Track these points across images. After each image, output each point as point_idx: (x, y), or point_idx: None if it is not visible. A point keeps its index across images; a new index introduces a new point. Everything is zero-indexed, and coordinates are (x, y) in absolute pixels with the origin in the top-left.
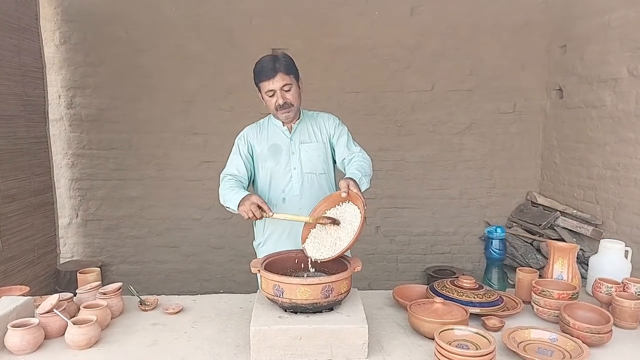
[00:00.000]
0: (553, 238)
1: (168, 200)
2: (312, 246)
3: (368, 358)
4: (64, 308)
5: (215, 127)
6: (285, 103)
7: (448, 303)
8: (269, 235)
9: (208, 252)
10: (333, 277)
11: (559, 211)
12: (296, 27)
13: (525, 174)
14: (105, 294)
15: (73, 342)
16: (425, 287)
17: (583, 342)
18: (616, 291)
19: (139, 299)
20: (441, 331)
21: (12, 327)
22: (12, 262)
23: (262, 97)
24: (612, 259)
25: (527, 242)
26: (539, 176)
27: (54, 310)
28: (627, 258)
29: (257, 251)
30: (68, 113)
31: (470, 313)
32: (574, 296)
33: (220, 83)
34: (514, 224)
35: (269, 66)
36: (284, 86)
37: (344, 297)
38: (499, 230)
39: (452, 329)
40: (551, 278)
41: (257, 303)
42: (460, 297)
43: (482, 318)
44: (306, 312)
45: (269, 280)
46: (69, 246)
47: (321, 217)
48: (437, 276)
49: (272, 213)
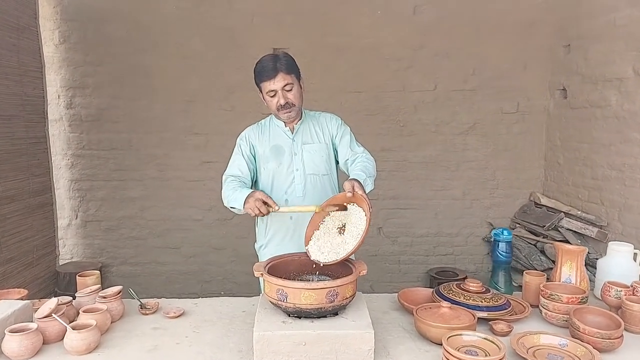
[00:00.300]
0: (557, 239)
1: (169, 200)
2: (316, 248)
3: None
4: (63, 312)
5: (216, 127)
6: (286, 103)
7: (455, 307)
8: (271, 237)
9: (209, 253)
10: (338, 281)
11: (563, 212)
12: (297, 26)
13: (528, 175)
14: (105, 298)
15: (72, 348)
16: (430, 291)
17: (594, 348)
18: (625, 295)
19: (140, 303)
20: (449, 337)
21: (10, 333)
22: (11, 264)
23: (263, 98)
24: (621, 262)
25: (531, 244)
26: (543, 177)
27: (53, 314)
28: (636, 261)
29: (259, 254)
30: (67, 113)
31: (477, 317)
32: (584, 300)
33: (221, 83)
34: (518, 225)
35: (270, 66)
36: (285, 86)
37: (349, 302)
38: (506, 232)
39: (461, 335)
40: (559, 281)
41: (260, 307)
42: (466, 301)
43: (490, 322)
44: (310, 317)
45: (273, 284)
46: (69, 247)
47: (328, 206)
48: (440, 278)
49: (278, 207)
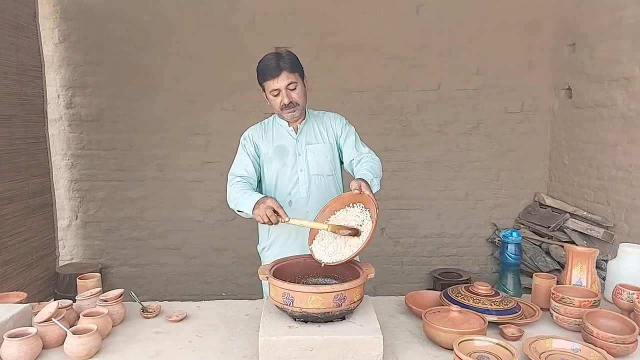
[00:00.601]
0: (563, 240)
1: (169, 201)
2: (320, 248)
3: None
4: (63, 316)
5: (217, 127)
6: (290, 102)
7: (465, 311)
8: (275, 239)
9: (210, 255)
10: (346, 285)
11: (569, 213)
12: (300, 26)
13: (532, 175)
14: (106, 301)
15: (72, 353)
16: (438, 294)
17: (608, 353)
18: (638, 298)
19: (141, 306)
20: (460, 342)
21: (9, 338)
22: (10, 265)
23: (267, 97)
24: (631, 264)
25: (536, 245)
26: (547, 177)
27: (53, 319)
28: None
29: (262, 256)
30: (67, 113)
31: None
32: (596, 304)
33: (222, 82)
34: (522, 226)
35: (273, 64)
36: (289, 85)
37: (357, 306)
38: (515, 234)
39: (472, 340)
40: (569, 284)
41: (265, 311)
42: (476, 305)
43: (500, 327)
44: (317, 322)
45: (278, 288)
46: (69, 248)
47: (341, 228)
48: (444, 279)
49: (289, 218)
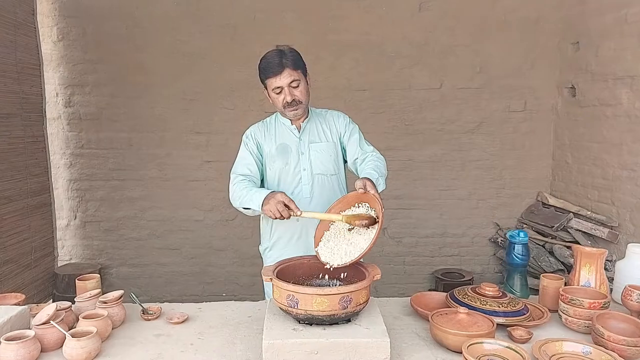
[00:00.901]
0: (567, 240)
1: (169, 201)
2: (326, 250)
3: None
4: (62, 319)
5: (218, 126)
6: (293, 100)
7: (472, 313)
8: (277, 239)
9: (210, 255)
10: (352, 287)
11: (572, 213)
12: (301, 23)
13: (535, 174)
14: (105, 303)
15: (72, 357)
16: (444, 295)
17: (620, 356)
18: None
19: (142, 308)
20: (469, 345)
21: (6, 341)
22: (9, 266)
23: (269, 95)
24: None
25: (539, 245)
26: (550, 176)
27: (51, 321)
28: None
29: (264, 256)
30: (66, 111)
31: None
32: (605, 305)
33: (223, 80)
34: (524, 226)
35: (276, 61)
36: (292, 82)
37: (363, 308)
38: (522, 234)
39: (481, 343)
40: (578, 285)
41: (269, 313)
42: (483, 307)
43: (508, 329)
44: (322, 324)
45: (283, 289)
46: (67, 248)
47: (357, 217)
48: (446, 279)
49: (301, 212)
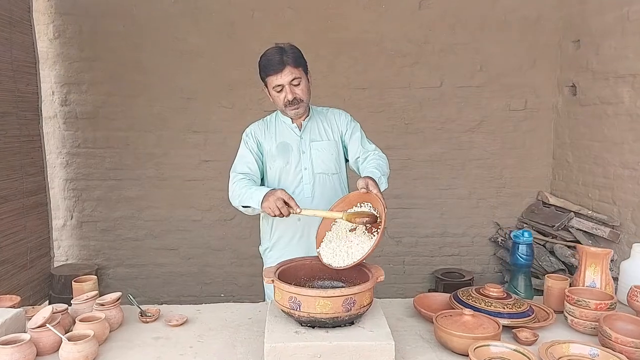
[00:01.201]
0: (568, 240)
1: (167, 201)
2: (328, 251)
3: None
4: (58, 322)
5: (216, 125)
6: (294, 99)
7: (478, 315)
8: (277, 239)
9: (208, 255)
10: (355, 289)
11: (573, 212)
12: (299, 21)
13: (536, 173)
14: (102, 305)
15: None
16: (447, 296)
17: (627, 358)
18: None
19: (140, 310)
20: (476, 347)
21: (1, 345)
22: (4, 266)
23: (269, 93)
24: None
25: (540, 244)
26: (550, 175)
27: (47, 324)
28: None
29: (264, 257)
30: (62, 110)
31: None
32: (612, 306)
33: (221, 79)
34: (525, 225)
35: (277, 59)
36: (293, 80)
37: (366, 310)
38: (527, 234)
39: (488, 345)
40: (583, 286)
41: (270, 315)
42: (487, 308)
43: (513, 331)
44: (325, 327)
45: (285, 291)
46: (64, 249)
47: (358, 215)
48: (446, 279)
49: (300, 209)
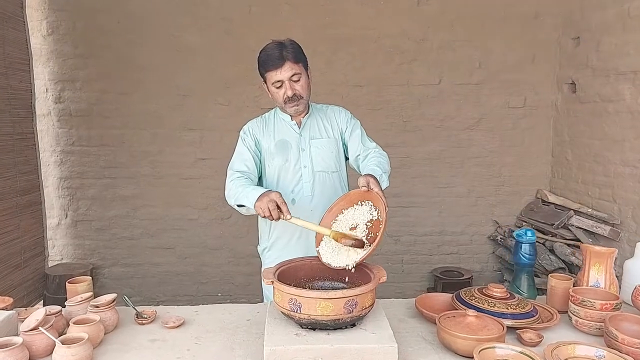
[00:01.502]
0: (567, 238)
1: (162, 199)
2: (328, 250)
3: None
4: (52, 324)
5: (212, 123)
6: (294, 95)
7: (481, 316)
8: (276, 239)
9: (205, 254)
10: (357, 290)
11: (573, 210)
12: (297, 17)
13: (535, 171)
14: (97, 307)
15: None
16: (449, 296)
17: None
18: None
19: (136, 311)
20: (481, 350)
21: None
22: None
23: (268, 89)
24: None
25: (539, 243)
26: (550, 173)
27: (40, 327)
28: None
29: (263, 257)
30: (56, 108)
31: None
32: (617, 307)
33: (217, 76)
34: (524, 223)
35: (276, 54)
36: (293, 76)
37: (368, 312)
38: (529, 233)
39: (493, 347)
40: (587, 285)
41: (269, 317)
42: (491, 308)
43: (517, 332)
44: (326, 329)
45: (285, 293)
46: (58, 248)
47: (345, 236)
48: (445, 278)
49: (290, 216)
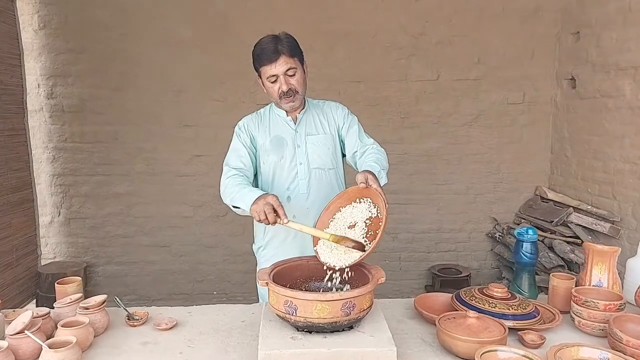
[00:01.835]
0: (567, 235)
1: (157, 196)
2: (326, 249)
3: None
4: (39, 327)
5: (207, 119)
6: (289, 90)
7: (483, 317)
8: (271, 238)
9: (200, 252)
10: (355, 292)
11: (572, 207)
12: (294, 12)
13: (533, 168)
14: (87, 309)
15: None
16: (449, 296)
17: None
18: None
19: (127, 313)
20: (483, 353)
21: None
22: None
23: (263, 84)
24: None
25: (538, 240)
26: (549, 170)
27: (26, 331)
28: None
29: (257, 255)
30: (48, 103)
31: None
32: (621, 307)
33: (212, 71)
34: (523, 221)
35: (271, 48)
36: (288, 70)
37: (366, 314)
38: (531, 231)
39: (495, 350)
40: (589, 285)
41: (264, 320)
42: (492, 309)
43: (519, 333)
44: (323, 332)
45: (280, 295)
46: (51, 246)
47: (344, 239)
48: (443, 275)
49: (287, 220)
